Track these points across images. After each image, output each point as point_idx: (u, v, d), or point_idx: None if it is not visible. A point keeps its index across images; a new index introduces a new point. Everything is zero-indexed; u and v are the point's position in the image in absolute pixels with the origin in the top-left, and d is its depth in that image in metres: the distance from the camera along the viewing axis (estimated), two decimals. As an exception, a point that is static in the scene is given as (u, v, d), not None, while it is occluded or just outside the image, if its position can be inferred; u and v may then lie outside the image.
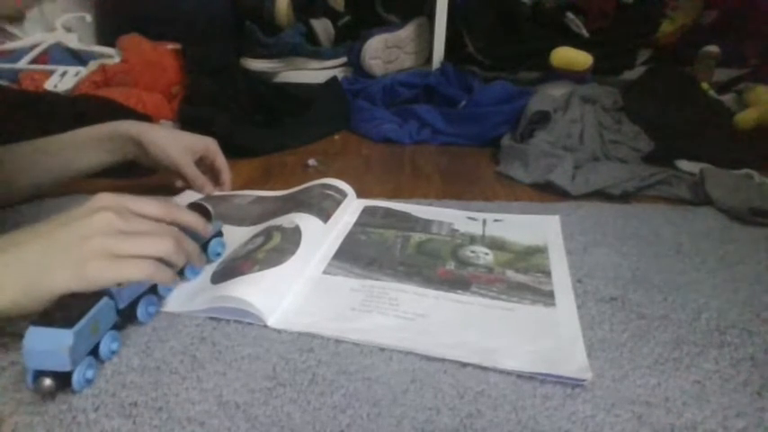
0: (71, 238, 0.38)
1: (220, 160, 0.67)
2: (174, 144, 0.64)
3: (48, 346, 0.34)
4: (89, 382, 0.36)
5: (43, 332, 0.34)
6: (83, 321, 0.35)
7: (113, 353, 0.39)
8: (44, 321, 0.35)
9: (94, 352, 0.37)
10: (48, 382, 0.34)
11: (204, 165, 0.68)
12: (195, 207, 0.52)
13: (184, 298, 0.46)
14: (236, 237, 0.56)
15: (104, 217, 0.39)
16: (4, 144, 0.59)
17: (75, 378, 0.35)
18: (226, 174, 0.68)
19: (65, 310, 0.36)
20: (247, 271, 0.46)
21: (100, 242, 0.38)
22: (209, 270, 0.50)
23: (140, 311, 0.42)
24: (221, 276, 0.48)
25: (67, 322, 0.35)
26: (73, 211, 0.40)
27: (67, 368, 0.34)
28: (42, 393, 0.35)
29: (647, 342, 0.41)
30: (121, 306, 0.40)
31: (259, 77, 1.12)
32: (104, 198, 0.41)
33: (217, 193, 0.67)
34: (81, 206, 0.40)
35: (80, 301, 0.37)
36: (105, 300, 0.38)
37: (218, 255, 0.52)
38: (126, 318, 0.41)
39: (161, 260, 0.41)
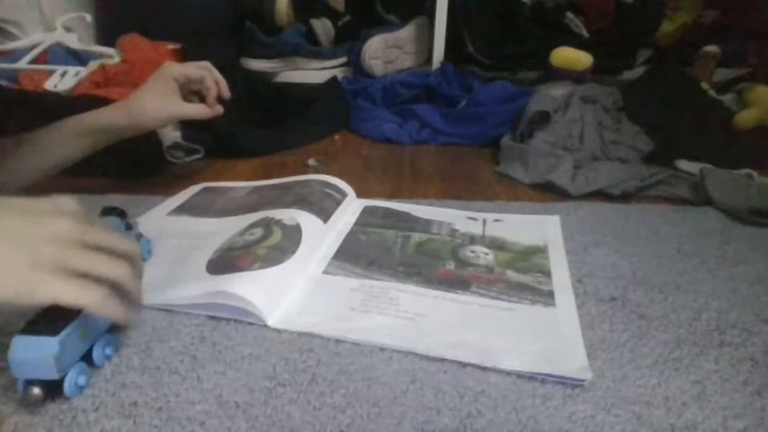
0: (26, 233, 0.33)
1: (216, 76, 0.67)
2: (165, 109, 0.63)
3: (33, 355, 0.33)
4: (81, 388, 0.36)
5: (28, 341, 0.33)
6: (69, 329, 0.34)
7: (108, 358, 0.38)
8: (30, 330, 0.34)
9: (87, 357, 0.37)
10: (36, 391, 0.34)
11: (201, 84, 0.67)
12: (110, 211, 0.50)
13: (177, 286, 0.46)
14: (230, 226, 0.56)
15: (68, 223, 0.34)
16: None
17: (66, 385, 0.35)
18: (222, 84, 0.67)
19: (51, 317, 0.35)
20: (247, 267, 0.46)
21: (55, 251, 0.33)
22: (203, 258, 0.50)
23: None
24: (219, 267, 0.48)
25: (53, 330, 0.34)
26: (32, 202, 0.35)
27: (54, 376, 0.34)
28: (32, 402, 0.34)
29: (647, 342, 0.41)
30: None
31: (259, 77, 1.11)
32: (70, 202, 0.36)
33: (220, 109, 0.67)
34: (42, 200, 0.35)
35: (68, 308, 0.35)
36: None
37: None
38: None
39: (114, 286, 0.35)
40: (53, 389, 0.34)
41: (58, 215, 0.34)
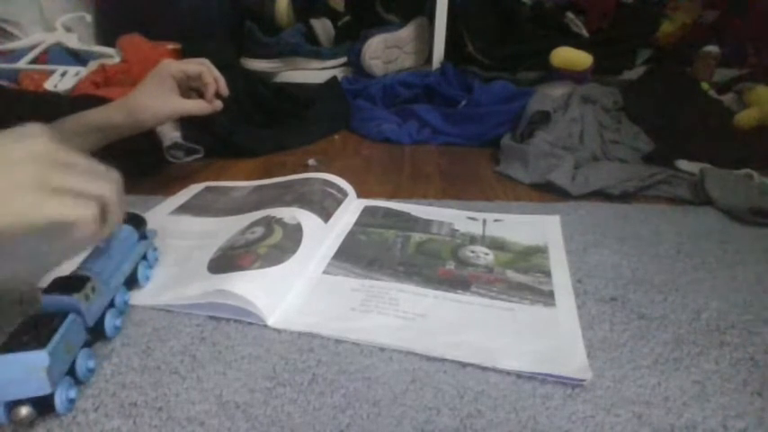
0: (1, 158, 0.31)
1: (215, 73, 0.67)
2: (164, 106, 0.63)
3: (21, 372, 0.31)
4: (72, 402, 0.35)
5: (13, 359, 0.32)
6: (55, 339, 0.33)
7: (90, 371, 0.37)
8: (11, 347, 0.32)
9: (71, 372, 0.35)
10: (25, 410, 0.32)
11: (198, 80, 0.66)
12: (130, 217, 0.49)
13: (180, 286, 0.46)
14: (232, 225, 0.56)
15: (39, 142, 0.33)
16: None
17: (58, 400, 0.33)
18: (221, 81, 0.67)
19: (31, 331, 0.34)
20: (248, 266, 0.46)
21: (34, 170, 0.31)
22: (205, 257, 0.50)
23: (108, 326, 0.40)
24: (220, 266, 0.48)
25: (39, 343, 0.32)
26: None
27: (48, 391, 0.32)
28: (21, 424, 0.33)
29: (647, 342, 0.41)
30: (90, 324, 0.38)
31: (259, 77, 1.11)
32: (36, 126, 0.34)
33: (219, 104, 0.67)
34: (7, 130, 0.34)
35: (46, 321, 0.35)
36: (73, 316, 0.36)
37: (147, 279, 0.48)
38: (95, 335, 0.39)
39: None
40: (42, 407, 0.33)
41: (27, 136, 0.33)
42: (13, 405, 0.32)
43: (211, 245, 0.53)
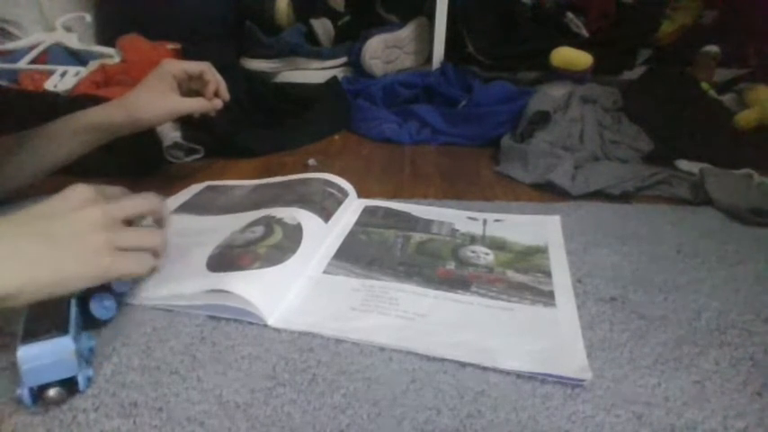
0: (71, 233, 0.37)
1: (216, 76, 0.67)
2: (164, 105, 0.63)
3: (51, 357, 0.34)
4: (90, 380, 0.37)
5: (40, 346, 0.34)
6: (71, 324, 0.35)
7: (91, 351, 0.39)
8: (32, 337, 0.34)
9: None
10: (53, 392, 0.34)
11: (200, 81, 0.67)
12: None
13: (177, 282, 0.46)
14: (232, 222, 0.56)
15: (97, 209, 0.39)
16: None
17: (81, 379, 0.35)
18: (222, 85, 0.68)
19: (45, 320, 0.35)
20: (247, 266, 0.46)
21: (104, 236, 0.38)
22: (204, 254, 0.50)
23: (95, 308, 0.41)
24: (219, 264, 0.48)
25: (60, 329, 0.35)
26: (50, 203, 0.39)
27: (76, 372, 0.35)
28: (52, 404, 0.35)
29: (647, 342, 0.41)
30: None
31: (259, 77, 1.12)
32: (83, 191, 0.40)
33: (219, 103, 0.67)
34: (55, 197, 0.39)
35: (53, 308, 0.36)
36: (75, 301, 0.38)
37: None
38: (87, 320, 0.41)
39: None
40: (67, 387, 0.35)
41: (82, 207, 0.39)
42: (40, 389, 0.34)
43: (210, 242, 0.52)
